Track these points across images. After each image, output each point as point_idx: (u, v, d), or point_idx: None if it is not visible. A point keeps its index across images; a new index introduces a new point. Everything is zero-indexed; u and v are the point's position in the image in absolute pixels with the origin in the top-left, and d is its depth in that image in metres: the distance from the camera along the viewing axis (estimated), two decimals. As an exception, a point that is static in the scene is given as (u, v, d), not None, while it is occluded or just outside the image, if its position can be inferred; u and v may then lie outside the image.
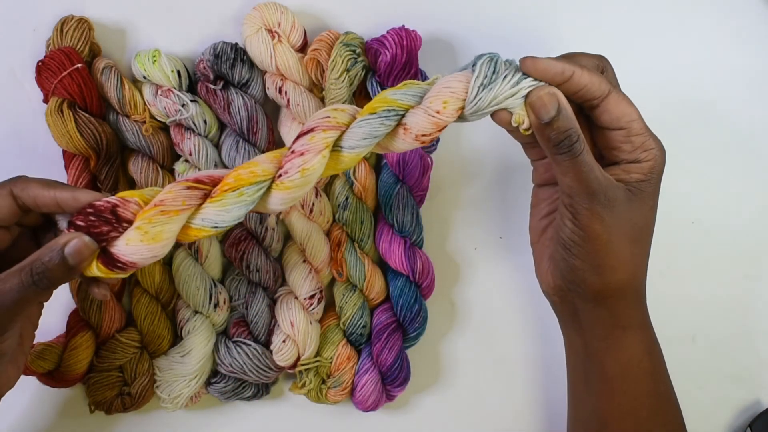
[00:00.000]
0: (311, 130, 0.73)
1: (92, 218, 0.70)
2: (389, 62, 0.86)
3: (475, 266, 0.97)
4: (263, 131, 0.89)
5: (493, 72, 0.72)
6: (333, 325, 0.92)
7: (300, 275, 0.90)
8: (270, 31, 0.88)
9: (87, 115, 0.85)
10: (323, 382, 0.91)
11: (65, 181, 0.87)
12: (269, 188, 0.73)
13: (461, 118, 0.74)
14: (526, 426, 0.98)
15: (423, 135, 0.73)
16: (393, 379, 0.91)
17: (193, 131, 0.89)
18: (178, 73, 0.88)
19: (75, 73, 0.84)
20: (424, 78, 0.89)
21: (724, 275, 1.00)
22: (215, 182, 0.73)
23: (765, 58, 0.99)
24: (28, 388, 0.91)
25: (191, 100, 0.87)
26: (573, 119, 0.72)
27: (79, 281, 0.88)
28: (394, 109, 0.73)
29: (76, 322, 0.89)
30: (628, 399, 0.81)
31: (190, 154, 0.88)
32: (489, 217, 0.95)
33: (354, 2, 0.93)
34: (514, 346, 0.98)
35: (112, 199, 0.71)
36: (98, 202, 0.71)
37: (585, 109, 0.77)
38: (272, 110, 0.93)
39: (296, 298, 0.90)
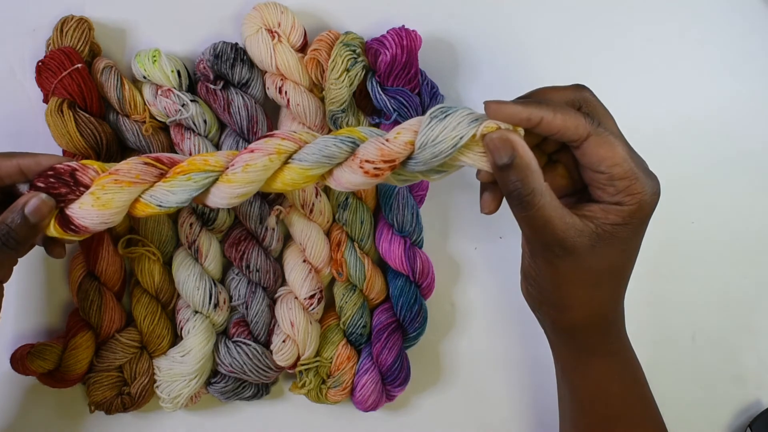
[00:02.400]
0: (271, 135, 0.76)
1: (52, 180, 0.74)
2: (389, 62, 0.86)
3: (475, 266, 0.97)
4: (263, 131, 0.89)
5: (447, 111, 0.71)
6: (333, 325, 0.92)
7: (300, 275, 0.89)
8: (270, 31, 0.88)
9: (87, 115, 0.85)
10: (323, 382, 0.91)
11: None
12: (216, 180, 0.76)
13: (412, 158, 0.73)
14: (525, 426, 0.98)
15: (367, 161, 0.73)
16: (393, 379, 0.91)
17: (193, 131, 0.89)
18: (178, 73, 0.87)
19: (75, 73, 0.84)
20: (424, 78, 0.89)
21: (724, 275, 1.00)
22: (173, 164, 0.76)
23: (766, 61, 0.99)
24: (28, 388, 0.91)
25: (191, 100, 0.87)
26: (528, 170, 0.68)
27: (79, 281, 0.88)
28: (352, 138, 0.75)
29: (76, 322, 0.89)
30: (600, 419, 0.81)
31: (190, 154, 0.88)
32: (489, 217, 0.95)
33: (354, 2, 0.93)
34: (513, 346, 0.98)
35: (72, 163, 0.75)
36: (59, 165, 0.75)
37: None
38: (272, 110, 0.92)
39: (296, 298, 0.90)
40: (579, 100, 0.73)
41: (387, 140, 0.73)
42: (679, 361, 0.98)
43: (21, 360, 0.87)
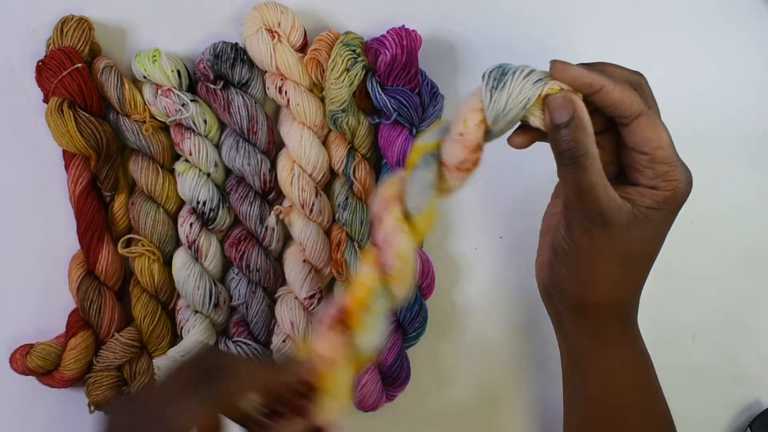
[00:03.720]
0: (378, 219, 0.73)
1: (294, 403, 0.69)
2: (389, 62, 0.86)
3: (475, 266, 0.97)
4: (263, 131, 0.89)
5: (502, 74, 0.69)
6: (333, 325, 0.92)
7: (300, 275, 0.89)
8: (270, 31, 0.88)
9: (87, 115, 0.85)
10: (323, 382, 0.91)
11: (65, 181, 0.88)
12: (389, 289, 0.73)
13: (490, 132, 0.71)
14: (527, 425, 0.98)
15: (460, 163, 0.71)
16: (393, 379, 0.91)
17: (193, 131, 0.89)
18: (178, 72, 0.88)
19: (75, 72, 0.84)
20: (424, 78, 0.89)
21: (724, 275, 1.00)
22: (343, 311, 0.72)
23: (765, 58, 1.00)
24: (28, 388, 0.91)
25: (191, 100, 0.87)
26: (585, 132, 0.69)
27: (79, 281, 0.88)
28: (427, 150, 0.72)
29: (76, 321, 0.89)
30: (611, 410, 0.81)
31: (190, 154, 0.89)
32: (489, 217, 0.95)
33: (354, 2, 0.93)
34: (514, 346, 0.98)
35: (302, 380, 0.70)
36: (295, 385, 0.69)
37: (616, 125, 0.73)
38: (272, 110, 0.93)
39: (296, 298, 0.90)
40: (635, 82, 0.73)
41: (461, 134, 0.70)
42: (679, 361, 0.98)
43: (21, 360, 0.87)
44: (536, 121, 0.70)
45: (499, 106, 0.69)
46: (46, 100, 0.86)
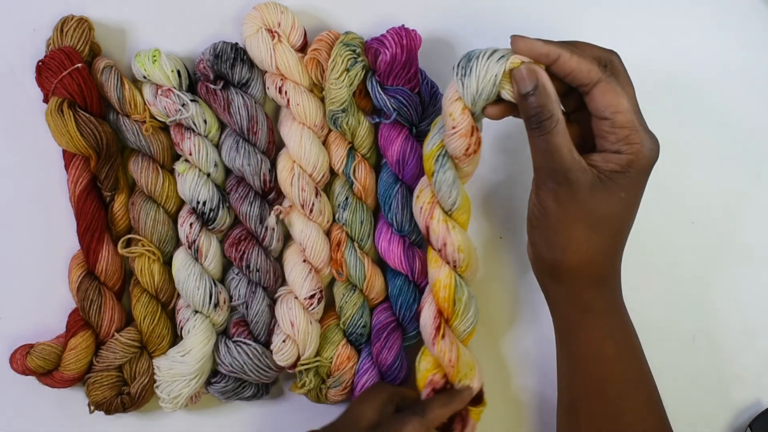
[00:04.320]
0: (426, 227, 0.86)
1: None
2: (389, 62, 0.86)
3: (475, 266, 0.97)
4: (263, 131, 0.89)
5: (468, 60, 0.77)
6: (333, 325, 0.92)
7: (300, 275, 0.89)
8: (270, 31, 0.88)
9: (87, 115, 0.85)
10: (323, 381, 0.91)
11: (65, 181, 0.88)
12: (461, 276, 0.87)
13: (476, 115, 0.80)
14: (525, 424, 0.98)
15: (466, 150, 0.81)
16: (393, 379, 0.91)
17: (193, 131, 0.89)
18: (178, 72, 0.88)
19: (75, 72, 0.84)
20: (424, 77, 0.90)
21: (724, 275, 1.00)
22: (440, 318, 0.87)
23: (766, 58, 1.00)
24: (28, 388, 0.91)
25: (191, 100, 0.87)
26: (549, 97, 0.75)
27: (79, 281, 0.88)
28: (436, 153, 0.83)
29: (76, 321, 0.89)
30: (593, 380, 0.82)
31: (190, 154, 0.89)
32: (489, 217, 0.95)
33: (354, 2, 0.93)
34: (513, 346, 0.98)
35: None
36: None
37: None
38: (272, 110, 0.93)
39: (296, 298, 0.90)
40: (606, 59, 0.77)
41: (453, 127, 0.80)
42: (679, 361, 0.98)
43: (21, 360, 0.88)
44: (507, 94, 0.77)
45: (472, 90, 0.78)
46: (46, 100, 0.87)
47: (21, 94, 0.90)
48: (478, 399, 0.89)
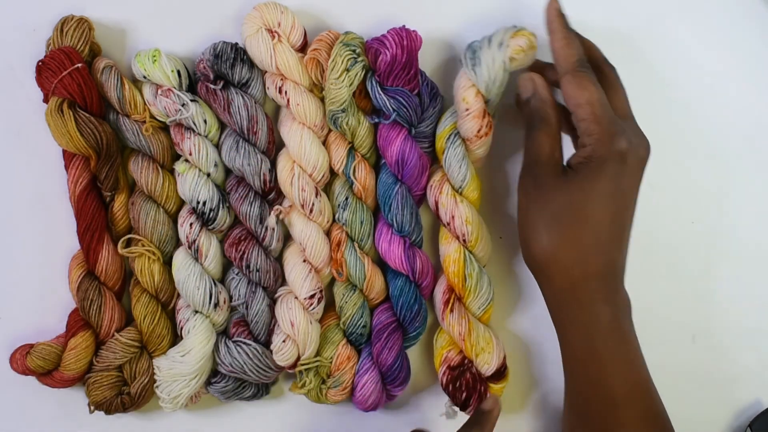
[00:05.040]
0: (436, 203, 0.90)
1: None
2: (389, 62, 0.86)
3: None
4: (263, 131, 0.89)
5: (473, 52, 0.86)
6: (333, 325, 0.92)
7: (300, 275, 0.89)
8: (270, 31, 0.88)
9: (87, 115, 0.85)
10: (323, 382, 0.91)
11: (65, 181, 0.88)
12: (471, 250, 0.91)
13: (489, 101, 0.87)
14: (526, 424, 0.98)
15: (477, 132, 0.87)
16: (393, 379, 0.91)
17: (193, 131, 0.89)
18: (178, 72, 0.88)
19: (75, 72, 0.84)
20: (424, 78, 0.90)
21: (724, 275, 1.00)
22: (451, 291, 0.91)
23: (765, 59, 0.99)
24: (28, 388, 0.91)
25: (191, 100, 0.87)
26: (543, 102, 0.84)
27: (79, 281, 0.88)
28: (448, 133, 0.89)
29: (76, 321, 0.89)
30: (583, 383, 0.83)
31: (190, 154, 0.89)
32: (489, 217, 0.95)
33: (354, 2, 0.93)
34: (514, 345, 0.98)
35: None
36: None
37: None
38: (272, 110, 0.93)
39: (296, 298, 0.90)
40: (595, 60, 0.84)
41: (466, 110, 0.87)
42: (679, 361, 0.98)
43: (21, 360, 0.88)
44: (518, 65, 0.86)
45: (487, 78, 0.85)
46: (46, 100, 0.86)
47: (21, 94, 0.90)
48: (499, 374, 0.90)
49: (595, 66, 0.83)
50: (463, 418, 0.89)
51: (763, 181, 1.00)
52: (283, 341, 0.89)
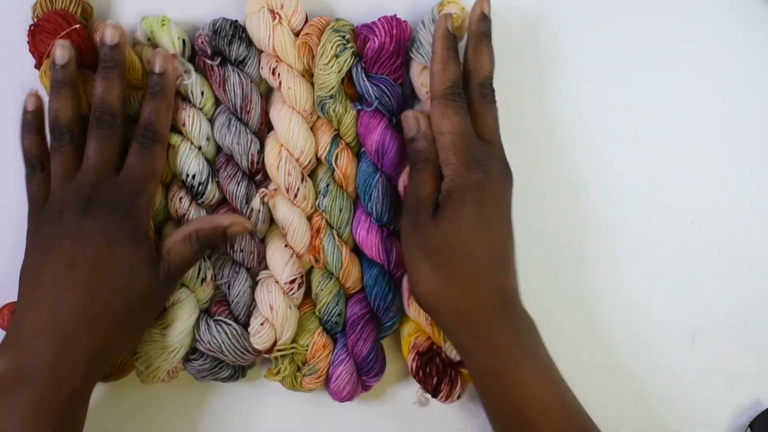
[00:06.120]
0: (403, 186, 0.90)
1: None
2: (377, 49, 0.86)
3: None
4: (256, 111, 0.89)
5: (413, 40, 0.89)
6: (309, 312, 0.92)
7: (281, 259, 0.89)
8: (272, 11, 0.88)
9: (86, 71, 0.86)
10: (298, 369, 0.91)
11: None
12: None
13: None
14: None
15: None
16: (368, 370, 0.90)
17: (189, 102, 0.89)
18: (183, 42, 0.89)
19: (74, 33, 0.84)
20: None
21: (724, 275, 0.99)
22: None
23: (765, 58, 0.99)
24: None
25: (194, 69, 0.89)
26: (429, 142, 0.83)
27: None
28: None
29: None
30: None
31: (184, 125, 0.89)
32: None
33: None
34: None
35: None
36: None
37: None
38: (267, 94, 0.93)
39: (277, 282, 0.90)
40: (479, 87, 0.84)
41: (427, 92, 0.87)
42: (680, 361, 0.98)
43: (8, 317, 0.87)
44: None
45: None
46: (38, 66, 0.86)
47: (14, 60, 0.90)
48: None
49: (473, 89, 0.84)
50: (436, 405, 0.90)
51: (764, 181, 1.00)
52: (261, 324, 0.89)
